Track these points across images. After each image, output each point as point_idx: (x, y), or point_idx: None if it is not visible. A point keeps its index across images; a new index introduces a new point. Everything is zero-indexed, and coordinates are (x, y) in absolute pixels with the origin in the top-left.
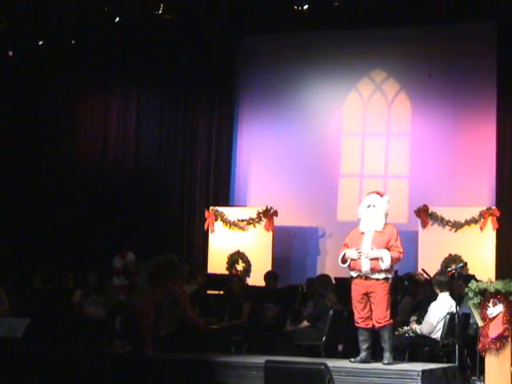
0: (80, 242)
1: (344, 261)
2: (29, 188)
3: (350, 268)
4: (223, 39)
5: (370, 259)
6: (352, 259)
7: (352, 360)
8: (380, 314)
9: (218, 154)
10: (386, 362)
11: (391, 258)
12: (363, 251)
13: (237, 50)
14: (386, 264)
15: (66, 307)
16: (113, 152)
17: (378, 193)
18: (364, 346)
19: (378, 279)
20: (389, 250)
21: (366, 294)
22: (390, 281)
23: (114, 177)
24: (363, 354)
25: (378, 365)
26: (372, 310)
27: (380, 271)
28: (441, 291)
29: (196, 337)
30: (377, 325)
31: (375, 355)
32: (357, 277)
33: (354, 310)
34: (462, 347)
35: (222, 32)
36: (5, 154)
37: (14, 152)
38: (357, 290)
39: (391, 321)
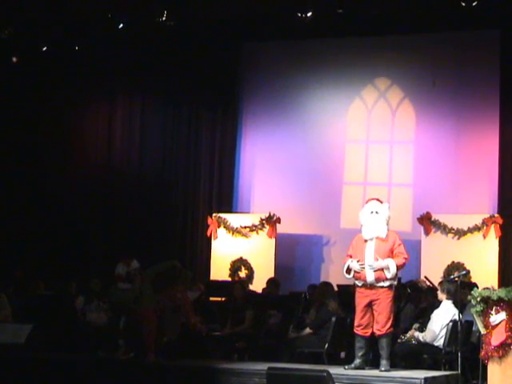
0: (83, 249)
1: (348, 272)
2: (33, 195)
3: (355, 278)
4: (226, 47)
5: (375, 270)
6: (355, 271)
7: (346, 367)
8: (382, 323)
9: (221, 161)
10: (383, 369)
11: (396, 265)
12: (367, 263)
13: (240, 58)
14: (392, 273)
15: (68, 313)
16: (117, 159)
17: (378, 200)
18: (359, 353)
19: (382, 287)
20: (393, 256)
21: (370, 303)
22: (394, 288)
23: (118, 184)
24: (357, 361)
25: (379, 372)
26: (374, 317)
27: (385, 279)
28: (446, 299)
29: (198, 343)
30: (377, 332)
31: (375, 362)
32: (362, 286)
33: (356, 317)
34: (465, 355)
35: (225, 39)
36: (8, 160)
37: (18, 159)
38: (361, 298)
39: (392, 329)
